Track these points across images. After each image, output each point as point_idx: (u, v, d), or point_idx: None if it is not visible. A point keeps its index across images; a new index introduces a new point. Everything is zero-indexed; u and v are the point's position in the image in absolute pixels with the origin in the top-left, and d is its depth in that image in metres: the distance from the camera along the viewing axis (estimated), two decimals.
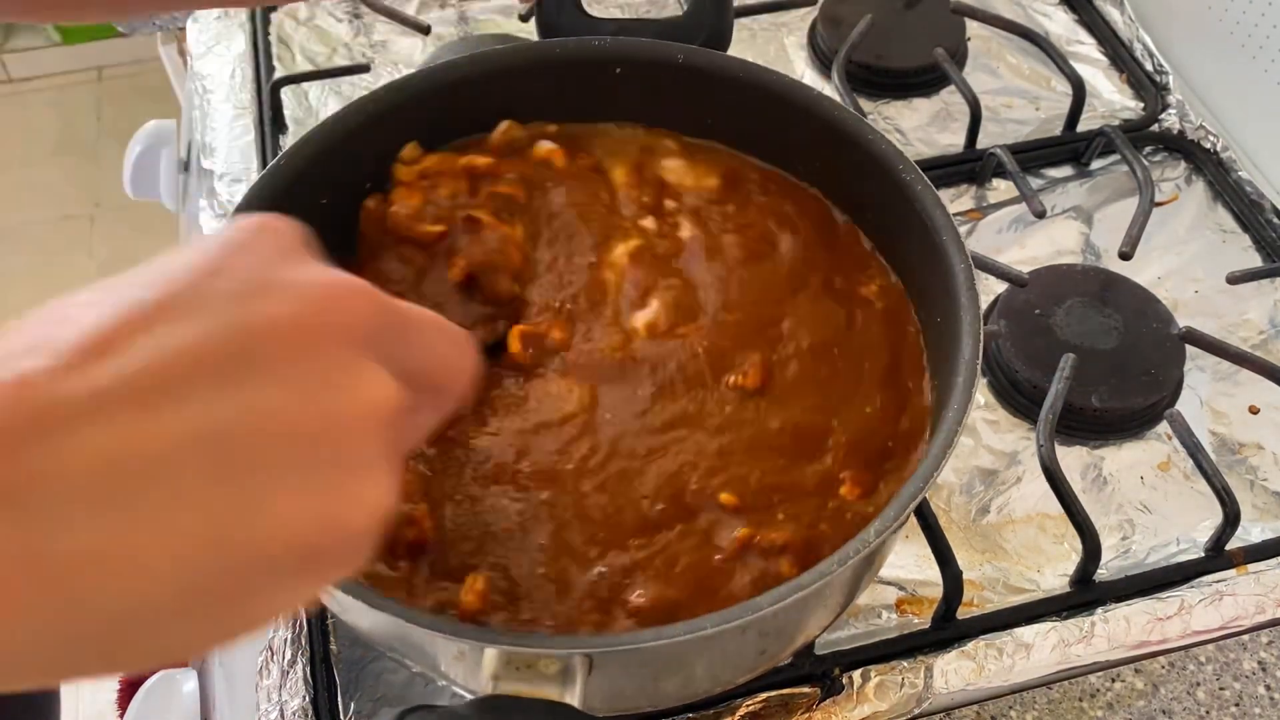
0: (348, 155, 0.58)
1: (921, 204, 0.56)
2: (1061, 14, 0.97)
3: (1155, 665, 0.63)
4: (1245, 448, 0.70)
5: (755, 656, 0.51)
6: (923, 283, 0.58)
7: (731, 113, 0.63)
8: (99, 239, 2.09)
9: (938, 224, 0.55)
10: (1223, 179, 0.84)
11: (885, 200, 0.58)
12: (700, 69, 0.62)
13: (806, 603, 0.45)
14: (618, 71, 0.63)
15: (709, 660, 0.50)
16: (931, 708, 0.60)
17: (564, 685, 0.41)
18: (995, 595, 0.64)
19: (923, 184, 0.56)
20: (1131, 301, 0.75)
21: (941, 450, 0.47)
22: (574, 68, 0.63)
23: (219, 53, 0.95)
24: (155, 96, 1.76)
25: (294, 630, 0.62)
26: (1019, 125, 0.89)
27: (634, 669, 0.47)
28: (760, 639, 0.49)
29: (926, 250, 0.55)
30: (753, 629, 0.46)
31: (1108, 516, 0.67)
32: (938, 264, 0.54)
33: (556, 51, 0.63)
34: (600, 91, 0.64)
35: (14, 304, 2.00)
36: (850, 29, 0.89)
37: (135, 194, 1.04)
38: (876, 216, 0.61)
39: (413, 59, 0.95)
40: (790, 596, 0.43)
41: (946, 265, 0.54)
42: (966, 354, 0.50)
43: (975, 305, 0.52)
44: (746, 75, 0.62)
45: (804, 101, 0.61)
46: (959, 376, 0.50)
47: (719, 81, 0.62)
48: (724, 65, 0.62)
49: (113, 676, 0.64)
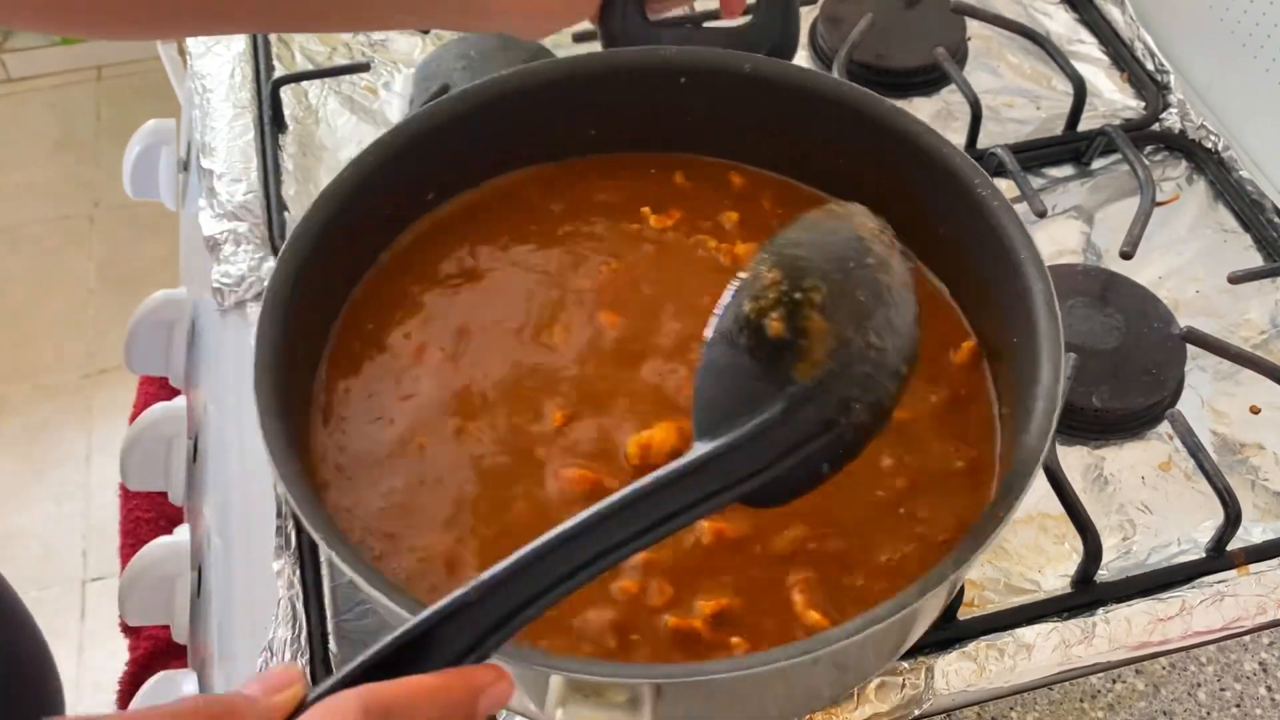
0: (412, 161, 0.61)
1: (998, 220, 0.54)
2: (1062, 13, 0.97)
3: (1156, 666, 0.62)
4: (1246, 448, 0.70)
5: (830, 687, 0.51)
6: (1000, 302, 0.56)
7: (793, 125, 0.63)
8: (98, 239, 2.09)
9: (1016, 242, 0.53)
10: (1224, 178, 0.84)
11: (956, 216, 0.57)
12: (767, 79, 0.62)
13: (880, 635, 0.44)
14: (682, 81, 0.63)
15: (780, 692, 0.49)
16: (932, 708, 0.60)
17: (632, 713, 0.41)
18: (996, 595, 0.64)
19: (999, 199, 0.55)
20: (1132, 301, 0.74)
21: (1025, 478, 0.46)
22: (638, 76, 0.63)
23: (218, 52, 0.94)
24: (155, 96, 1.76)
25: (294, 630, 0.62)
26: (1020, 125, 0.89)
27: (702, 700, 0.46)
28: (832, 670, 0.49)
29: (1005, 271, 0.54)
30: (825, 661, 0.45)
31: (1108, 517, 0.67)
32: (1016, 285, 0.53)
33: (619, 62, 0.63)
34: (669, 105, 0.65)
35: (14, 304, 2.00)
36: (850, 28, 0.89)
37: (135, 193, 1.03)
38: (947, 233, 0.60)
39: (412, 58, 0.94)
40: (867, 629, 0.42)
41: (1025, 285, 0.52)
42: (1046, 380, 0.49)
43: (1056, 328, 0.50)
44: (813, 85, 0.61)
45: (875, 113, 0.60)
46: (1039, 402, 0.48)
47: (786, 92, 0.62)
48: (792, 76, 0.62)
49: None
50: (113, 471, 1.03)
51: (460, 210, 0.66)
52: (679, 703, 0.45)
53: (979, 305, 0.59)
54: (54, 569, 1.70)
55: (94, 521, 1.74)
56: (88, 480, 1.79)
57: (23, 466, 1.81)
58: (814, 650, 0.42)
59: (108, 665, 1.57)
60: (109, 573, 1.69)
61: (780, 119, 0.64)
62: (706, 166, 0.67)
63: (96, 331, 1.97)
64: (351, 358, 0.60)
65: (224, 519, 0.71)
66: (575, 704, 0.41)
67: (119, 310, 1.16)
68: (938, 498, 0.54)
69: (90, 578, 1.69)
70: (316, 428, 0.57)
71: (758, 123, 0.65)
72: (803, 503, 0.48)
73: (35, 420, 1.86)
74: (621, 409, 0.57)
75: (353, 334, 0.61)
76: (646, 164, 0.67)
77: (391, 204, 0.62)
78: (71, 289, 2.03)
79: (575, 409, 0.57)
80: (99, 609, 1.66)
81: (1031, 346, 0.51)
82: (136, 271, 2.03)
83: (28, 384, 1.91)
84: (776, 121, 0.64)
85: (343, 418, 0.58)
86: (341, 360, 0.60)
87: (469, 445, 0.56)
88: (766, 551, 0.53)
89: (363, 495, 0.55)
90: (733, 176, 0.67)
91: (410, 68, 0.93)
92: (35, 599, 1.66)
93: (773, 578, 0.52)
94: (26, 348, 1.95)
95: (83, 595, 1.68)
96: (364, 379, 0.59)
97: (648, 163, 0.67)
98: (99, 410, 1.86)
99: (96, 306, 2.01)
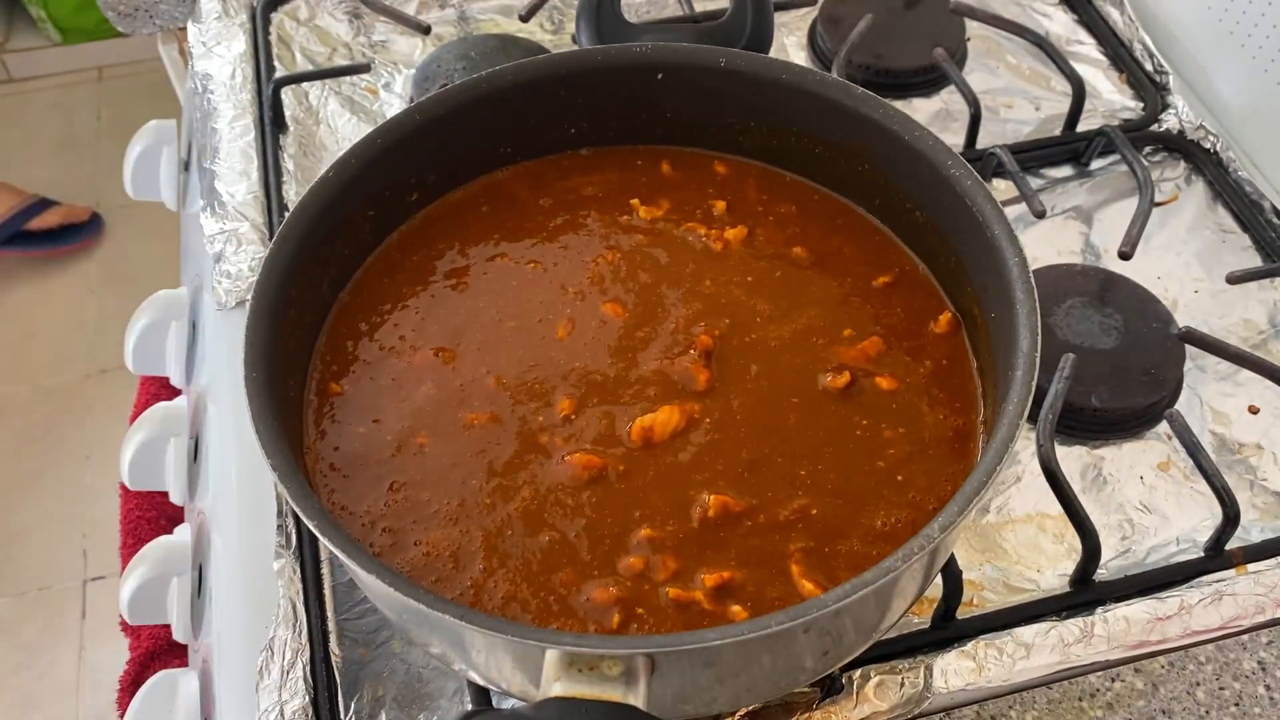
0: (394, 162, 0.62)
1: (970, 197, 0.56)
2: (1061, 14, 0.97)
3: (1155, 665, 0.63)
4: (1245, 448, 0.70)
5: (819, 658, 0.52)
6: (978, 275, 0.58)
7: (774, 116, 0.65)
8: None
9: (989, 217, 0.55)
10: (1222, 179, 0.84)
11: (933, 196, 0.59)
12: (740, 72, 0.63)
13: (869, 600, 0.45)
14: (659, 77, 0.64)
15: (772, 660, 0.50)
16: (931, 707, 0.60)
17: (628, 687, 0.41)
18: (995, 595, 0.64)
19: (972, 178, 0.56)
20: (1131, 301, 0.75)
21: (1003, 445, 0.47)
22: (616, 74, 0.64)
23: (219, 53, 0.95)
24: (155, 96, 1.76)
25: (294, 630, 0.62)
26: (1019, 125, 0.89)
27: (697, 669, 0.47)
28: (823, 638, 0.49)
29: (980, 247, 0.56)
30: (815, 627, 0.46)
31: (1107, 516, 0.67)
32: (992, 259, 0.55)
33: (599, 59, 0.64)
34: (642, 99, 0.66)
35: (14, 303, 2.00)
36: (850, 29, 0.89)
37: (136, 194, 1.03)
38: (923, 213, 0.62)
39: (412, 59, 0.95)
40: (855, 593, 0.43)
41: (1000, 258, 0.54)
42: (1024, 347, 0.50)
43: (1032, 297, 0.52)
44: (791, 78, 0.63)
45: (846, 102, 0.62)
46: (1018, 370, 0.50)
47: (763, 85, 0.63)
48: (768, 68, 0.63)
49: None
50: (113, 471, 1.03)
51: (448, 209, 0.67)
52: (674, 675, 0.45)
53: (958, 279, 0.61)
54: (54, 569, 1.70)
55: (94, 521, 1.74)
56: (88, 480, 1.79)
57: (23, 466, 1.81)
58: (806, 615, 0.43)
59: (108, 664, 1.58)
60: (109, 572, 1.69)
61: (756, 111, 0.65)
62: (691, 156, 0.69)
63: (97, 331, 1.97)
64: (345, 359, 0.60)
65: (224, 519, 0.71)
66: (570, 679, 0.41)
67: (119, 310, 1.16)
68: (933, 465, 0.55)
69: (90, 577, 1.70)
70: (311, 428, 0.58)
71: (735, 115, 0.66)
72: (806, 474, 0.50)
73: (35, 420, 1.86)
74: (627, 395, 0.58)
75: (345, 335, 0.61)
76: (633, 156, 0.69)
77: (376, 204, 0.63)
78: (72, 289, 2.04)
79: (581, 398, 0.58)
80: (99, 608, 1.66)
81: (1010, 317, 0.52)
82: (137, 271, 2.03)
83: (28, 384, 1.91)
84: (752, 114, 0.66)
85: (339, 419, 0.58)
86: (335, 361, 0.60)
87: (471, 439, 0.57)
88: (770, 520, 0.54)
89: (362, 494, 0.55)
90: (717, 166, 0.69)
91: (410, 68, 0.93)
92: (35, 599, 1.67)
93: (775, 549, 0.53)
94: (27, 348, 1.95)
95: (83, 595, 1.68)
96: (361, 379, 0.60)
97: (634, 155, 0.69)
98: (99, 410, 1.86)
99: (97, 306, 2.01)
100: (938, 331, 0.61)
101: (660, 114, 0.67)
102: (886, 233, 0.65)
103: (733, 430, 0.57)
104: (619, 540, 0.53)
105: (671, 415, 0.57)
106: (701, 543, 0.53)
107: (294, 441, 0.55)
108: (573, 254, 0.65)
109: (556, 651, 0.42)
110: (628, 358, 0.60)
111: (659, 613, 0.51)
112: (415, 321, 0.62)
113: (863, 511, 0.54)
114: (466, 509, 0.55)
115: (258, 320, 0.53)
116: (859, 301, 0.62)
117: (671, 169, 0.68)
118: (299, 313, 0.58)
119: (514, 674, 0.49)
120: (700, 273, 0.63)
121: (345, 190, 0.59)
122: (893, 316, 0.62)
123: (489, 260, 0.65)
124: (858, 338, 0.60)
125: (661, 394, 0.58)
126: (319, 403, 0.59)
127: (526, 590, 0.52)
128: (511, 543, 0.53)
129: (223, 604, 0.68)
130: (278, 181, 0.85)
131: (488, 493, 0.55)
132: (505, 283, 0.64)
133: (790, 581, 0.51)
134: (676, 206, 0.67)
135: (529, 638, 0.43)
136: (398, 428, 0.58)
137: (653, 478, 0.55)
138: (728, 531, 0.53)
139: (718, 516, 0.54)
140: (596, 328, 0.61)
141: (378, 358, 0.60)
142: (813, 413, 0.57)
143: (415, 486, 0.55)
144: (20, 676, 1.61)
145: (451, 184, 0.67)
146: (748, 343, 0.60)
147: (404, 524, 0.54)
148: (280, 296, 0.55)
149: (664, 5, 0.99)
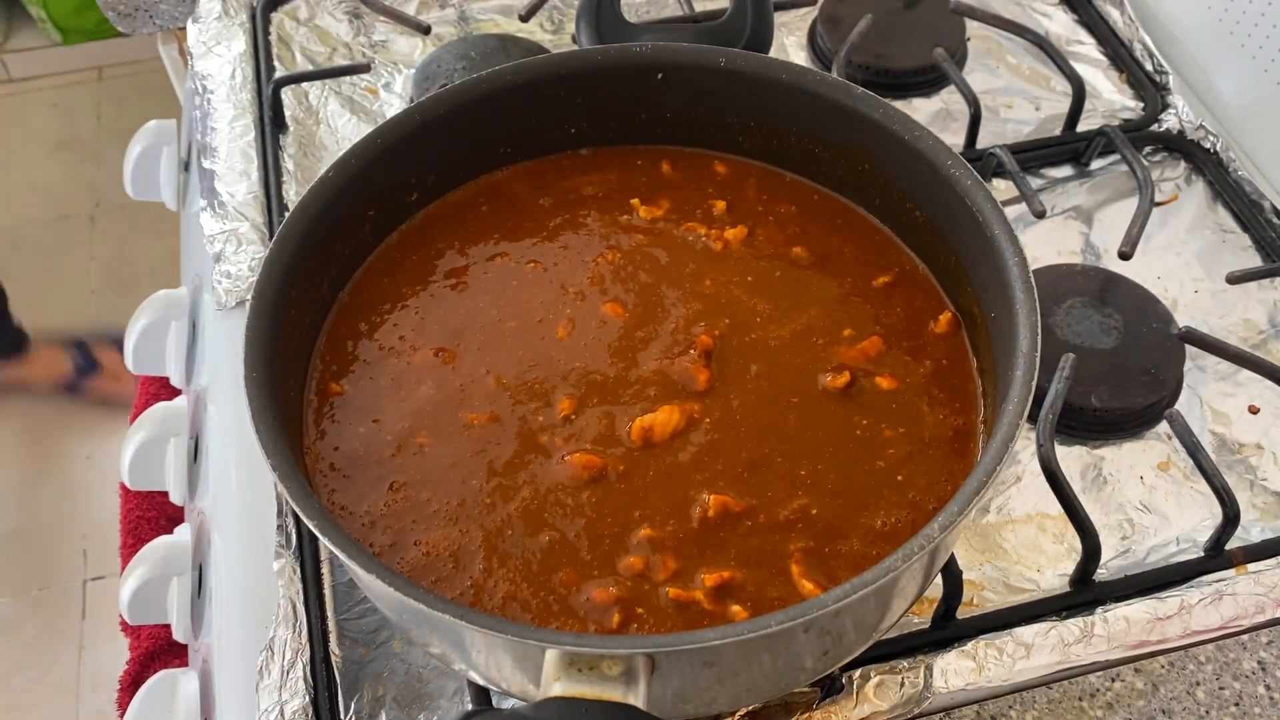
0: (394, 162, 0.62)
1: (970, 196, 0.56)
2: (1061, 14, 0.97)
3: (1155, 665, 0.63)
4: (1245, 447, 0.70)
5: (819, 658, 0.52)
6: (978, 274, 0.58)
7: (772, 115, 0.65)
8: (99, 239, 2.09)
9: (989, 218, 0.55)
10: (1222, 179, 0.84)
11: (933, 196, 0.59)
12: (740, 72, 0.64)
13: (869, 600, 0.45)
14: (659, 77, 0.65)
15: (772, 660, 0.50)
16: (931, 707, 0.60)
17: (628, 686, 0.41)
18: (995, 595, 0.64)
19: (972, 177, 0.56)
20: (1131, 301, 0.75)
21: (1003, 444, 0.47)
22: (616, 74, 0.65)
23: (219, 53, 0.95)
24: (155, 96, 1.76)
25: (294, 630, 0.62)
26: (1019, 125, 0.89)
27: (697, 669, 0.47)
28: (823, 638, 0.49)
29: (980, 246, 0.56)
30: (815, 627, 0.46)
31: (1107, 516, 0.67)
32: (992, 259, 0.55)
33: (599, 59, 0.64)
34: (642, 99, 0.66)
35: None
36: (850, 29, 0.89)
37: (136, 194, 1.03)
38: (923, 212, 0.62)
39: (412, 59, 0.95)
40: (855, 593, 0.43)
41: (1000, 257, 0.54)
42: (1024, 346, 0.51)
43: (1031, 296, 0.52)
44: (791, 78, 0.63)
45: (845, 102, 0.62)
46: (1018, 370, 0.50)
47: (763, 85, 0.64)
48: (768, 68, 0.63)
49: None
50: (113, 471, 1.03)
51: (448, 209, 0.67)
52: (673, 675, 0.45)
53: (958, 279, 0.61)
54: (54, 569, 1.70)
55: (94, 521, 1.74)
56: (88, 480, 1.79)
57: (23, 466, 1.81)
58: (806, 615, 0.43)
59: (108, 664, 1.58)
60: (109, 572, 1.69)
61: (756, 111, 0.65)
62: (691, 156, 0.69)
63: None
64: (345, 359, 0.61)
65: (224, 519, 0.71)
66: (570, 679, 0.41)
67: (119, 310, 1.16)
68: (933, 465, 0.55)
69: (90, 577, 1.69)
70: (311, 428, 0.58)
71: (735, 115, 0.66)
72: (806, 474, 0.51)
73: (35, 420, 1.86)
74: (627, 395, 0.58)
75: (345, 335, 0.61)
76: (632, 156, 0.69)
77: (376, 204, 0.63)
78: (72, 289, 2.03)
79: (581, 398, 0.58)
80: (99, 608, 1.66)
81: (1010, 316, 0.52)
82: (137, 271, 2.03)
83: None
84: (752, 114, 0.66)
85: (339, 419, 0.58)
86: (335, 361, 0.60)
87: (471, 439, 0.57)
88: (770, 520, 0.54)
89: (362, 494, 0.55)
90: (717, 165, 0.69)
91: (410, 68, 0.93)
92: (35, 599, 1.67)
93: (774, 548, 0.53)
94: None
95: (83, 595, 1.68)
96: (361, 379, 0.60)
97: (634, 155, 0.69)
98: (99, 410, 1.86)
99: (97, 306, 2.01)
100: (938, 331, 0.61)
101: (660, 114, 0.67)
102: (886, 232, 0.65)
103: (733, 430, 0.57)
104: (619, 540, 0.53)
105: (671, 415, 0.57)
106: (701, 543, 0.53)
107: (294, 441, 0.55)
108: (573, 254, 0.65)
109: (556, 651, 0.42)
110: (628, 358, 0.60)
111: (659, 613, 0.51)
112: (415, 321, 0.62)
113: (863, 511, 0.54)
114: (466, 509, 0.55)
115: (258, 320, 0.53)
116: (859, 301, 0.62)
117: (671, 169, 0.68)
118: (299, 313, 0.58)
119: (514, 674, 0.49)
120: (700, 273, 0.63)
121: (345, 190, 0.59)
122: (893, 316, 0.62)
123: (489, 260, 0.65)
124: (858, 338, 0.60)
125: (661, 394, 0.58)
126: (319, 403, 0.59)
127: (526, 590, 0.52)
128: (511, 542, 0.53)
129: (223, 604, 0.68)
130: (278, 181, 0.85)
131: (488, 493, 0.55)
132: (505, 282, 0.64)
133: (790, 581, 0.51)
134: (676, 206, 0.67)
135: (529, 637, 0.43)
136: (398, 428, 0.58)
137: (653, 478, 0.55)
138: (728, 531, 0.53)
139: (718, 516, 0.54)
140: (596, 328, 0.61)
141: (378, 358, 0.60)
142: (813, 413, 0.57)
143: (415, 486, 0.55)
144: (20, 676, 1.61)
145: (451, 184, 0.67)
146: (748, 343, 0.60)
147: (404, 524, 0.54)
148: (280, 296, 0.55)
149: (664, 5, 0.99)
